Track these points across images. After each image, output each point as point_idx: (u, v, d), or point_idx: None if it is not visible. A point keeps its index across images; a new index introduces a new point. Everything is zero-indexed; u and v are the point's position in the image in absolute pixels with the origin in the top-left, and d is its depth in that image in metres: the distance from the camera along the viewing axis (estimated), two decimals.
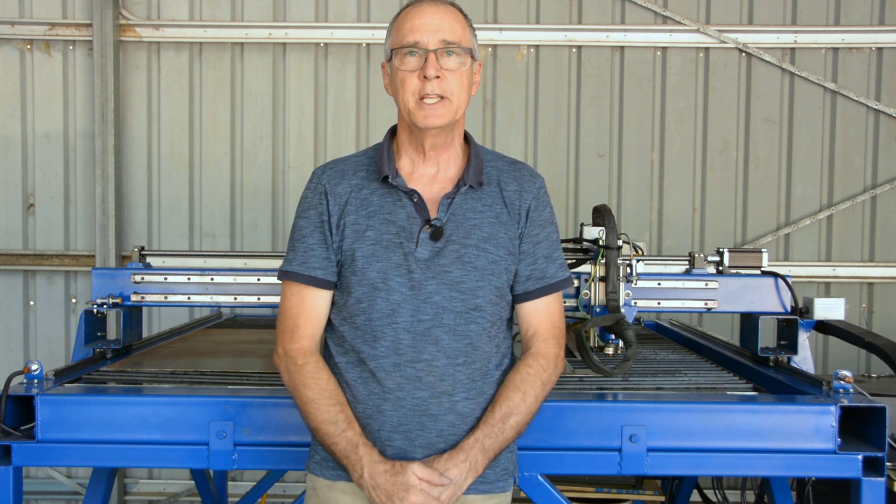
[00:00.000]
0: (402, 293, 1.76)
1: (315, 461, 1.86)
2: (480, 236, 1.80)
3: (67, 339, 4.86)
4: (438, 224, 1.79)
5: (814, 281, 4.79)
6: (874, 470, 2.11)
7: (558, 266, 1.89)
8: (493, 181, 1.86)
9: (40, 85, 4.84)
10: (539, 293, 1.86)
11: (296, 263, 1.85)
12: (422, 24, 1.76)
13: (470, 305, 1.78)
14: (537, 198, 1.87)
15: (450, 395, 1.76)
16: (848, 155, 4.83)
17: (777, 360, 2.67)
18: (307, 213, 1.87)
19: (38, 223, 4.87)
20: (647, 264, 2.85)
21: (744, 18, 4.80)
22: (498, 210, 1.83)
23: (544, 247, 1.86)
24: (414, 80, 1.76)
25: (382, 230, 1.79)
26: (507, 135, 4.86)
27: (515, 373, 1.82)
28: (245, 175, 4.88)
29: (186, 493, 4.90)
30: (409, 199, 1.80)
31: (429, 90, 1.74)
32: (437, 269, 1.77)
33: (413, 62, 1.76)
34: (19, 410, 2.19)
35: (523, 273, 1.84)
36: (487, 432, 1.76)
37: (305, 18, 4.84)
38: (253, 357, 3.00)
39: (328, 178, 1.86)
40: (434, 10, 1.78)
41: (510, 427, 1.78)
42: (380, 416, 1.76)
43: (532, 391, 1.80)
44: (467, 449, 1.74)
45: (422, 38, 1.75)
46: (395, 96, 1.82)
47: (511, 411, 1.77)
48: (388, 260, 1.77)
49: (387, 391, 1.76)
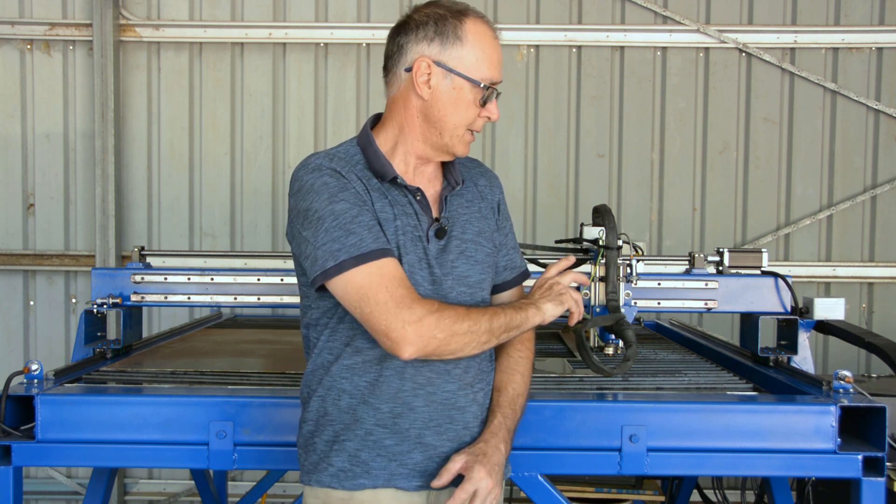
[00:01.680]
0: (425, 287, 1.75)
1: (329, 474, 1.74)
2: (474, 231, 1.85)
3: (67, 339, 4.86)
4: (445, 223, 1.81)
5: (814, 281, 4.79)
6: (874, 470, 2.10)
7: (520, 255, 2.00)
8: (468, 178, 1.91)
9: (40, 85, 4.84)
10: (515, 282, 1.96)
11: (369, 242, 1.65)
12: (500, 60, 1.80)
13: (477, 298, 1.83)
14: (502, 192, 1.97)
15: (471, 386, 1.79)
16: (848, 155, 4.83)
17: (777, 360, 2.67)
18: (340, 195, 1.69)
19: (38, 223, 4.87)
20: (647, 264, 2.85)
21: (744, 18, 4.81)
22: (479, 205, 1.89)
23: (511, 238, 1.97)
24: (473, 113, 1.77)
25: (405, 222, 1.75)
26: (507, 135, 4.86)
27: (508, 357, 1.89)
28: (245, 175, 4.88)
29: (186, 493, 4.90)
30: (413, 196, 1.79)
31: (479, 127, 1.80)
32: (447, 265, 1.79)
33: (494, 104, 1.79)
34: (19, 410, 2.18)
35: (501, 263, 1.92)
36: (506, 414, 1.81)
37: (305, 18, 4.84)
38: (253, 357, 3.00)
39: (338, 166, 1.74)
40: (498, 41, 1.81)
41: (520, 407, 1.85)
42: (411, 413, 1.73)
43: (528, 372, 1.89)
44: (497, 432, 1.78)
45: (499, 77, 1.78)
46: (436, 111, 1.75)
47: (518, 392, 1.85)
48: (413, 253, 1.75)
49: (417, 387, 1.74)
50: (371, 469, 1.73)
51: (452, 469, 1.70)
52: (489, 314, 1.75)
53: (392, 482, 1.73)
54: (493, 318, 1.74)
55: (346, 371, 1.75)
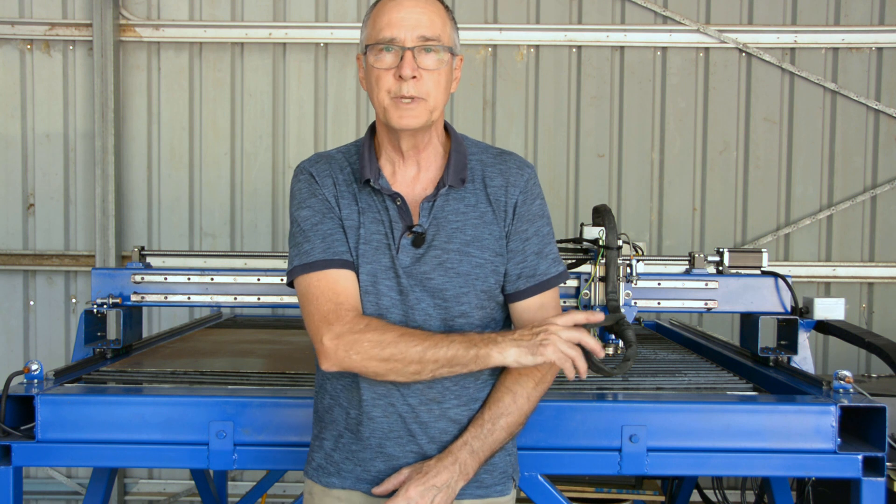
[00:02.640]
0: (391, 297, 1.70)
1: (312, 467, 1.82)
2: (463, 240, 1.72)
3: (67, 339, 4.86)
4: (420, 231, 1.71)
5: (814, 281, 4.79)
6: (874, 470, 2.10)
7: (550, 261, 1.78)
8: (478, 177, 1.76)
9: (40, 85, 4.84)
10: (531, 291, 1.76)
11: (318, 252, 1.69)
12: (399, 19, 1.65)
13: (455, 312, 1.71)
14: (525, 191, 1.76)
15: (439, 403, 1.71)
16: (848, 155, 4.83)
17: (777, 360, 2.67)
18: (308, 202, 1.74)
19: (38, 223, 4.87)
20: (647, 264, 2.85)
21: (744, 18, 4.81)
22: (482, 209, 1.74)
23: (534, 243, 1.77)
24: (389, 79, 1.65)
25: (372, 229, 1.72)
26: (507, 135, 4.86)
27: (507, 374, 1.75)
28: (245, 175, 4.88)
29: (186, 493, 4.90)
30: (392, 201, 1.72)
31: (404, 91, 1.64)
32: (419, 276, 1.70)
33: (389, 59, 1.66)
34: (19, 410, 2.19)
35: (513, 272, 1.75)
36: (476, 434, 1.70)
37: (305, 18, 4.84)
38: (253, 357, 3.00)
39: (317, 170, 1.77)
40: (413, 3, 1.67)
41: (500, 428, 1.71)
42: (370, 422, 1.72)
43: (523, 391, 1.73)
44: (455, 451, 1.69)
45: (399, 33, 1.64)
46: (369, 93, 1.72)
47: (501, 412, 1.71)
48: (377, 262, 1.70)
49: (378, 397, 1.71)
50: (341, 470, 1.78)
51: (394, 480, 1.70)
52: (429, 343, 1.61)
53: (358, 486, 1.76)
54: (431, 349, 1.60)
55: (330, 373, 1.76)
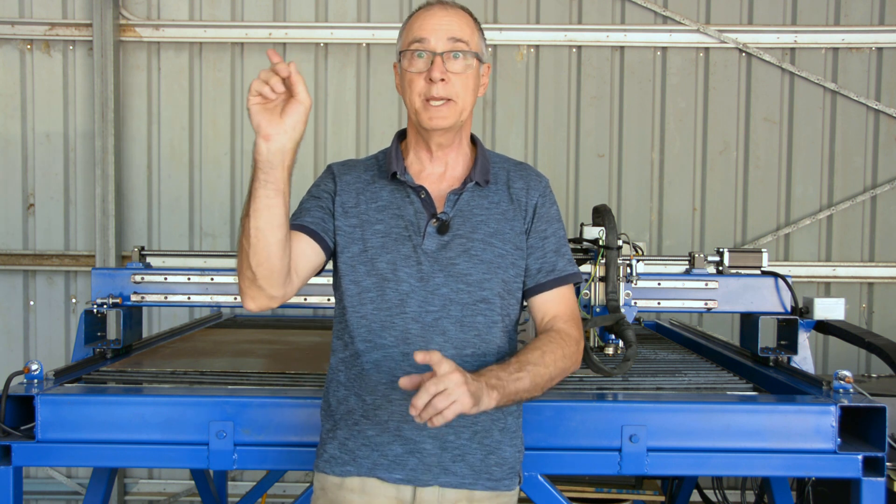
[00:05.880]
0: (410, 284, 1.78)
1: (324, 459, 1.84)
2: (487, 231, 1.82)
3: (67, 339, 4.86)
4: (445, 218, 1.81)
5: (814, 281, 4.79)
6: (874, 470, 2.11)
7: (567, 261, 1.89)
8: (502, 180, 1.90)
9: (40, 85, 4.84)
10: (551, 284, 1.85)
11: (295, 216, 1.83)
12: (430, 26, 1.79)
13: (477, 297, 1.79)
14: (543, 195, 1.90)
15: None
16: (848, 155, 4.83)
17: (777, 360, 2.67)
18: (311, 191, 1.90)
19: (38, 223, 4.87)
20: (647, 264, 2.85)
21: (744, 18, 4.81)
22: (504, 207, 1.86)
23: (552, 241, 1.88)
24: (420, 82, 1.78)
25: (392, 224, 1.82)
26: (507, 135, 4.86)
27: (537, 337, 1.78)
28: (245, 175, 4.85)
29: (186, 493, 4.90)
30: (416, 195, 1.83)
31: (434, 92, 1.76)
32: (444, 261, 1.79)
33: (420, 64, 1.78)
34: (19, 410, 2.19)
35: (533, 266, 1.85)
36: (503, 367, 1.65)
37: (305, 18, 4.84)
38: (253, 357, 3.00)
39: (338, 167, 1.92)
40: (444, 12, 1.81)
41: (526, 374, 1.66)
42: (388, 405, 1.77)
43: (552, 354, 1.72)
44: (482, 374, 1.60)
45: (429, 39, 1.78)
46: (403, 97, 1.85)
47: (529, 360, 1.69)
48: (396, 252, 1.79)
49: (395, 380, 1.73)
50: (357, 457, 1.80)
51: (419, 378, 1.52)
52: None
53: (375, 472, 1.78)
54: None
55: (342, 364, 1.84)
